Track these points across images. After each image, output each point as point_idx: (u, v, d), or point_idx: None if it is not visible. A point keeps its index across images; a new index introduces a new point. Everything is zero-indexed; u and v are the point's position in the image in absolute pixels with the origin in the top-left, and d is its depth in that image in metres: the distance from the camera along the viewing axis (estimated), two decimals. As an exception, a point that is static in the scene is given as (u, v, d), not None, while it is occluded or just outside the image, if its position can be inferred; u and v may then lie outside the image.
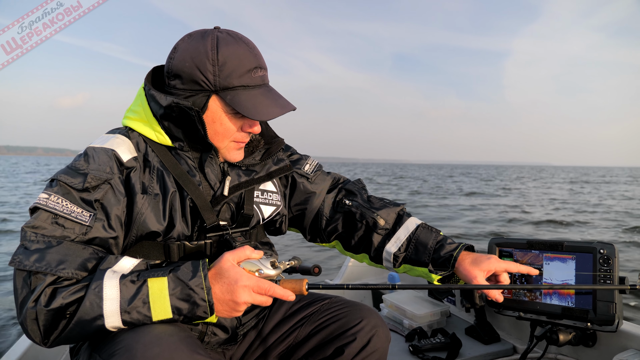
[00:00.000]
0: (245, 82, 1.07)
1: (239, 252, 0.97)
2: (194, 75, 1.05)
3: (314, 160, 1.42)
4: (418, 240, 1.28)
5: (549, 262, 1.52)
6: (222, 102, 1.08)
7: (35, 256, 0.88)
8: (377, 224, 1.31)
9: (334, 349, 1.16)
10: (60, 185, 0.98)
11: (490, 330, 1.89)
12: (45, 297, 0.85)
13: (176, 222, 1.07)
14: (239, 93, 1.07)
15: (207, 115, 1.09)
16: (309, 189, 1.37)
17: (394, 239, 1.30)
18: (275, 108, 1.09)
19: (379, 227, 1.31)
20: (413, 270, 1.30)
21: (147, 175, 1.08)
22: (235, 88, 1.07)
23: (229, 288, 0.92)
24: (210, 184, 1.14)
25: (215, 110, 1.08)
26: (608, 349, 1.52)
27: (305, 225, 1.41)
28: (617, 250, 1.39)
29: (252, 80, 1.08)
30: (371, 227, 1.32)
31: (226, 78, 1.05)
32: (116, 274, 0.89)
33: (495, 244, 1.65)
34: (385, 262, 1.33)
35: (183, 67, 1.06)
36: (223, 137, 1.12)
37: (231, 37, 1.08)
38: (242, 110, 1.05)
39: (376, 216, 1.31)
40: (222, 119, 1.09)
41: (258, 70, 1.09)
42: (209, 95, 1.07)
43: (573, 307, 1.45)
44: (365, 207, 1.34)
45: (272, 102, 1.10)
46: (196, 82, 1.06)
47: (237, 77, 1.06)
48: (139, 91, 1.16)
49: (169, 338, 0.85)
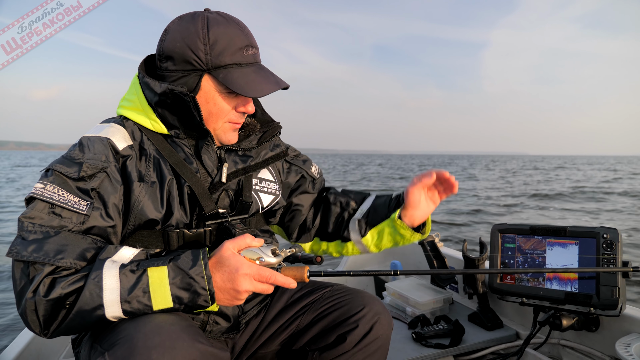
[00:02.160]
0: (237, 60, 1.06)
1: (239, 240, 0.96)
2: (185, 55, 1.05)
3: (315, 164, 1.49)
4: (376, 203, 1.35)
5: (552, 248, 1.51)
6: (215, 80, 1.07)
7: (33, 246, 0.87)
8: (349, 204, 1.39)
9: (337, 337, 1.16)
10: (55, 174, 0.97)
11: (493, 316, 1.89)
12: (44, 287, 0.84)
13: (174, 210, 1.06)
14: (231, 71, 1.06)
15: (200, 96, 1.08)
16: (310, 190, 1.42)
17: (359, 211, 1.37)
18: (267, 85, 1.08)
19: (351, 207, 1.39)
20: (380, 233, 1.32)
21: (143, 163, 1.07)
22: (227, 66, 1.06)
23: (229, 276, 0.91)
24: (207, 171, 1.13)
25: (208, 90, 1.08)
26: (611, 333, 1.52)
27: (294, 224, 1.43)
28: (620, 235, 1.38)
29: (244, 58, 1.08)
30: (344, 207, 1.40)
31: (218, 56, 1.05)
32: (116, 264, 0.88)
33: (498, 230, 1.64)
34: (352, 234, 1.36)
35: (174, 47, 1.06)
36: (217, 118, 1.11)
37: (222, 17, 1.08)
38: (234, 87, 1.04)
39: (348, 199, 1.40)
40: (216, 99, 1.09)
41: (249, 49, 1.09)
42: (201, 74, 1.06)
43: (576, 292, 1.44)
44: (338, 193, 1.44)
45: (264, 79, 1.09)
46: (188, 61, 1.05)
47: (229, 55, 1.05)
48: (133, 80, 1.15)
49: (170, 327, 0.85)
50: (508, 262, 1.61)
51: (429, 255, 2.10)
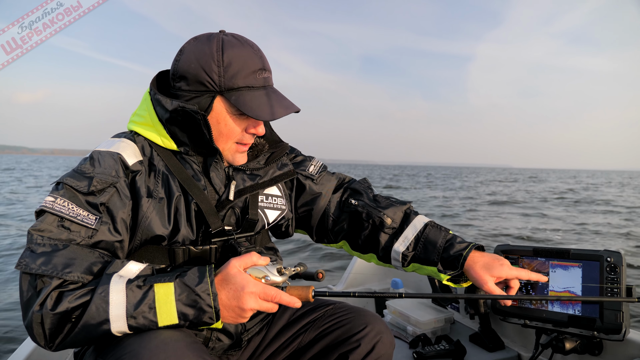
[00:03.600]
0: (250, 83, 1.08)
1: (245, 258, 0.97)
2: (199, 76, 1.06)
3: (319, 161, 1.43)
4: (427, 239, 1.27)
5: (555, 270, 1.51)
6: (227, 102, 1.08)
7: (41, 259, 0.88)
8: (384, 223, 1.30)
9: (338, 355, 1.16)
10: (66, 188, 0.99)
11: (495, 337, 1.88)
12: (51, 300, 0.84)
13: (181, 226, 1.07)
14: (244, 94, 1.07)
15: (212, 116, 1.09)
16: (314, 189, 1.38)
17: (401, 238, 1.29)
18: (279, 108, 1.09)
19: (386, 227, 1.30)
20: (422, 269, 1.29)
21: (152, 179, 1.08)
22: (239, 89, 1.07)
23: (235, 294, 0.91)
24: (215, 189, 1.14)
25: (220, 111, 1.09)
26: (614, 358, 1.51)
27: (312, 226, 1.41)
28: (624, 259, 1.38)
29: (257, 81, 1.09)
30: (378, 227, 1.31)
31: (231, 79, 1.06)
32: (122, 279, 0.88)
33: (501, 251, 1.64)
34: (393, 262, 1.32)
35: (189, 68, 1.07)
36: (227, 139, 1.12)
37: (236, 39, 1.10)
38: (246, 110, 1.06)
39: (383, 215, 1.31)
40: (227, 120, 1.10)
41: (263, 72, 1.10)
42: (213, 95, 1.08)
43: (579, 315, 1.43)
44: (371, 206, 1.33)
45: (275, 102, 1.10)
46: (201, 82, 1.06)
47: (242, 78, 1.07)
48: (145, 96, 1.16)
49: (175, 344, 0.85)
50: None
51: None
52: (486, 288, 1.16)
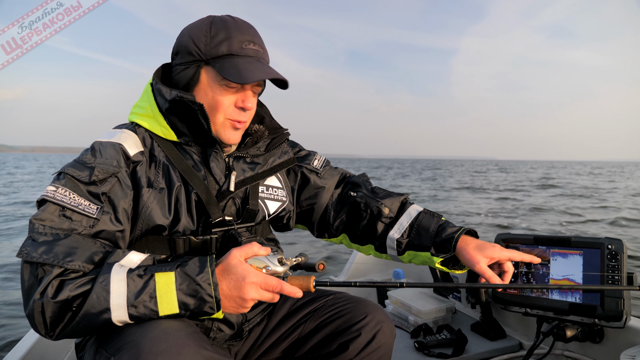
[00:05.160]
0: (235, 50, 1.07)
1: (246, 248, 0.97)
2: (188, 47, 1.08)
3: (322, 156, 1.44)
4: (420, 225, 1.28)
5: (555, 258, 1.51)
6: (212, 71, 1.08)
7: (42, 248, 0.88)
8: (381, 212, 1.32)
9: (339, 345, 1.16)
10: (67, 178, 0.99)
11: (496, 326, 1.88)
12: (52, 289, 0.85)
13: (181, 216, 1.07)
14: (227, 60, 1.06)
15: (200, 88, 1.09)
16: (318, 183, 1.38)
17: (397, 226, 1.30)
18: (259, 72, 1.06)
19: (384, 216, 1.32)
20: (417, 257, 1.29)
21: (152, 169, 1.08)
22: (224, 56, 1.07)
23: (236, 284, 0.92)
24: (215, 179, 1.14)
25: (206, 82, 1.09)
26: (615, 345, 1.51)
27: (313, 221, 1.41)
28: (625, 246, 1.38)
29: (243, 50, 1.08)
30: (375, 216, 1.33)
31: (216, 46, 1.06)
32: (124, 268, 0.89)
33: (501, 239, 1.64)
34: (389, 250, 1.32)
35: (181, 41, 1.10)
36: (216, 112, 1.10)
37: (230, 17, 1.12)
38: (226, 74, 1.04)
39: (380, 205, 1.32)
40: (214, 91, 1.09)
41: (250, 44, 1.09)
42: (199, 64, 1.08)
43: (580, 303, 1.44)
44: (369, 196, 1.35)
45: (258, 68, 1.07)
46: (190, 53, 1.08)
47: (227, 46, 1.07)
48: (146, 87, 1.16)
49: (176, 333, 0.85)
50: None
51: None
52: (477, 268, 1.17)
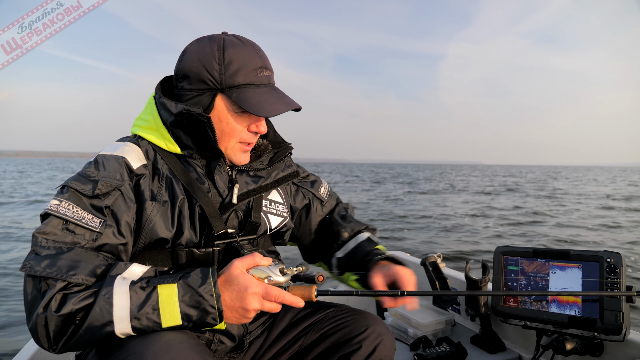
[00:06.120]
0: (251, 80, 1.09)
1: (248, 259, 0.97)
2: (200, 74, 1.08)
3: (326, 184, 1.50)
4: (359, 248, 1.33)
5: (555, 271, 1.52)
6: (228, 100, 1.09)
7: (46, 262, 0.88)
8: (340, 235, 1.38)
9: (340, 357, 1.16)
10: (71, 191, 0.99)
11: (496, 339, 1.88)
12: (55, 302, 0.85)
13: (184, 229, 1.08)
14: (244, 91, 1.09)
15: (214, 115, 1.10)
16: (319, 212, 1.44)
17: (344, 248, 1.37)
18: (279, 105, 1.10)
19: (341, 238, 1.38)
20: (350, 277, 1.33)
21: (156, 182, 1.09)
22: (240, 86, 1.09)
23: (238, 295, 0.92)
24: (218, 191, 1.15)
25: (221, 110, 1.10)
26: (615, 359, 1.51)
27: (306, 245, 1.46)
28: (624, 259, 1.39)
29: (258, 79, 1.10)
30: (334, 237, 1.39)
31: (232, 76, 1.07)
32: (126, 281, 0.89)
33: (501, 252, 1.65)
34: (333, 269, 1.38)
35: (191, 67, 1.09)
36: (230, 137, 1.13)
37: (238, 39, 1.12)
38: (246, 106, 1.07)
39: (342, 228, 1.38)
40: (228, 118, 1.11)
41: (263, 70, 1.12)
42: (215, 93, 1.09)
43: (580, 316, 1.44)
44: (336, 221, 1.42)
45: (276, 99, 1.11)
46: (203, 81, 1.08)
47: (243, 76, 1.08)
48: (149, 100, 1.18)
49: (179, 345, 0.85)
50: (511, 285, 1.61)
51: (431, 276, 2.10)
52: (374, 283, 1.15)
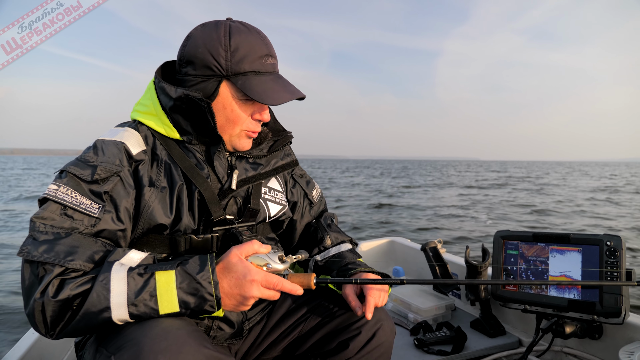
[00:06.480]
0: (257, 67, 1.08)
1: (246, 246, 0.97)
2: (206, 60, 1.06)
3: (318, 187, 1.50)
4: (339, 256, 1.34)
5: (554, 255, 1.51)
6: (233, 87, 1.08)
7: (43, 247, 0.88)
8: (323, 241, 1.38)
9: (339, 343, 1.16)
10: (69, 176, 0.98)
11: (496, 323, 1.89)
12: (52, 288, 0.84)
13: (183, 215, 1.07)
14: (250, 78, 1.08)
15: (218, 102, 1.09)
16: (307, 213, 1.43)
17: (324, 252, 1.37)
18: (285, 93, 1.09)
19: (323, 244, 1.37)
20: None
21: (154, 168, 1.08)
22: (246, 73, 1.08)
23: (237, 282, 0.92)
24: (218, 177, 1.14)
25: (226, 96, 1.09)
26: (614, 341, 1.51)
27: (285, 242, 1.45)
28: (624, 242, 1.38)
29: (263, 66, 1.09)
30: (317, 242, 1.38)
31: (238, 63, 1.06)
32: (124, 267, 0.88)
33: (500, 237, 1.65)
34: (308, 270, 1.38)
35: (196, 53, 1.07)
36: (234, 125, 1.12)
37: (244, 26, 1.10)
38: (252, 94, 1.06)
39: (326, 234, 1.38)
40: (233, 105, 1.10)
41: (269, 58, 1.11)
42: (220, 80, 1.08)
43: (579, 299, 1.44)
44: (322, 227, 1.41)
45: (282, 88, 1.10)
46: (208, 67, 1.07)
47: (249, 63, 1.07)
48: (149, 85, 1.16)
49: (177, 332, 0.85)
50: (511, 269, 1.61)
51: (431, 262, 2.10)
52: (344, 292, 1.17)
